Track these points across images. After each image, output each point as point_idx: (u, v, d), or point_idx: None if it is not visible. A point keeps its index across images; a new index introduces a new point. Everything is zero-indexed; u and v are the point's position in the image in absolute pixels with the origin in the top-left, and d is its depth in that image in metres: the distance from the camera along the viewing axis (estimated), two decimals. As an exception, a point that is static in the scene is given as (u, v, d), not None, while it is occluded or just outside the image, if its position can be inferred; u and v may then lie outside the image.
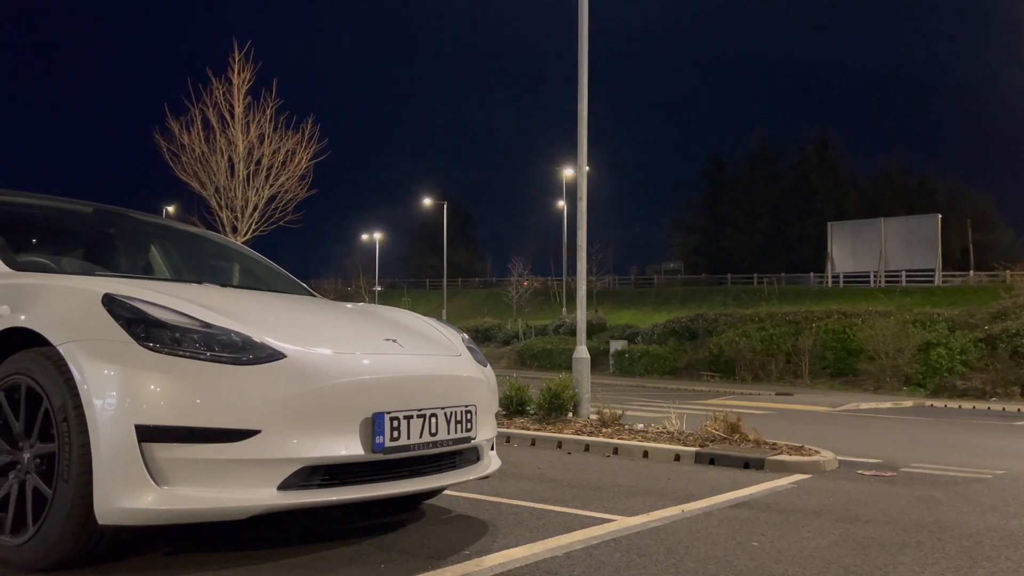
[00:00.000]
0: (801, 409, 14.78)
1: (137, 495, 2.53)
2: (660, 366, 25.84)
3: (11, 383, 2.76)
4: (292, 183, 13.31)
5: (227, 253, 5.03)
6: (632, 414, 9.60)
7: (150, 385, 2.59)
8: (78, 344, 2.65)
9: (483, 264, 67.24)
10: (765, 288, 41.51)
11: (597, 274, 44.34)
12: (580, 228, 9.46)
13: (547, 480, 5.27)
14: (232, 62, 13.21)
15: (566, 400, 8.32)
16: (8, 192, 4.05)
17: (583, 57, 9.49)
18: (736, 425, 7.06)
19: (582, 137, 9.45)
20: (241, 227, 13.01)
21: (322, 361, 2.88)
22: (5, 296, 2.95)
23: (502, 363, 30.11)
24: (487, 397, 3.55)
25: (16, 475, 2.73)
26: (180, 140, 13.01)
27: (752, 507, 4.52)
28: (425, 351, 3.41)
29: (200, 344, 2.70)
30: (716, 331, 26.25)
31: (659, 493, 4.87)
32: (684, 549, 3.42)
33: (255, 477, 2.65)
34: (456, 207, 58.04)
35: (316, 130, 13.53)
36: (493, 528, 3.66)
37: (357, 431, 2.84)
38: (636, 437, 7.15)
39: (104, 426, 2.54)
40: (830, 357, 22.99)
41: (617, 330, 31.35)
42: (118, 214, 4.44)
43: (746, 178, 58.76)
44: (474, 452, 3.45)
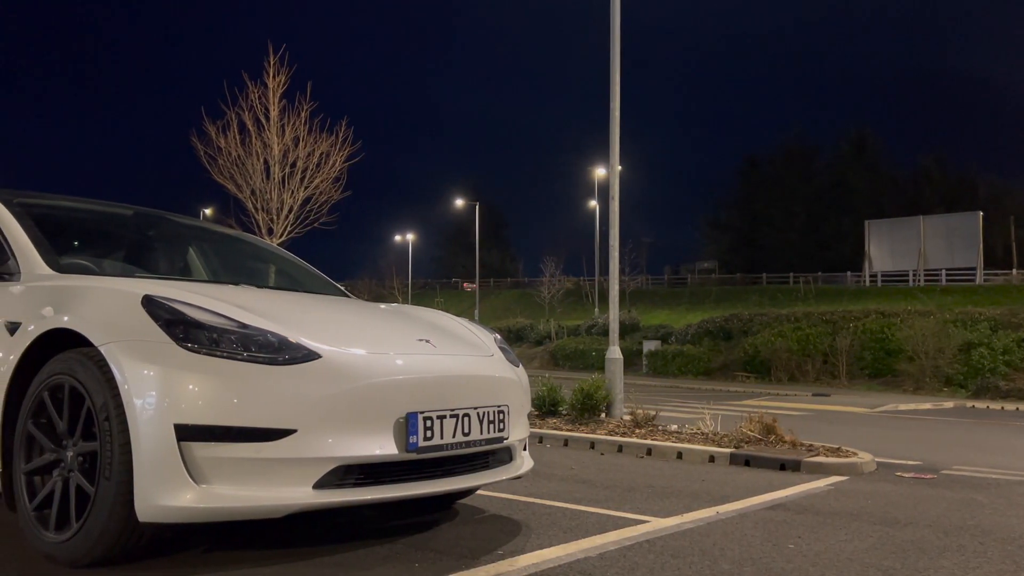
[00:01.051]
0: (838, 410, 14.57)
1: (176, 493, 2.57)
2: (694, 367, 25.64)
3: (55, 383, 2.82)
4: (326, 185, 13.42)
5: (263, 255, 5.09)
6: (666, 415, 9.54)
7: (188, 385, 2.63)
8: (119, 344, 2.70)
9: (515, 264, 67.29)
10: (801, 287, 40.95)
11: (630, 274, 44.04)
12: (612, 228, 9.42)
13: (580, 481, 5.26)
14: (267, 66, 13.35)
15: (599, 400, 8.29)
16: (51, 196, 4.14)
17: (615, 56, 9.46)
18: (772, 426, 6.99)
19: (614, 136, 9.41)
20: (276, 229, 13.15)
21: (356, 361, 2.91)
22: (49, 297, 3.02)
23: (534, 363, 30.10)
24: (520, 397, 3.55)
25: (60, 473, 2.79)
26: (217, 143, 13.19)
27: (788, 509, 4.47)
28: (458, 351, 3.43)
29: (237, 344, 2.74)
30: (751, 331, 25.98)
31: (693, 494, 4.83)
32: (719, 551, 3.40)
33: (291, 476, 2.69)
34: (488, 207, 58.13)
35: (350, 132, 13.64)
36: (526, 528, 3.67)
37: (391, 431, 2.86)
38: (670, 438, 7.11)
39: (144, 425, 2.59)
40: (868, 357, 22.64)
41: (650, 330, 31.16)
42: (157, 217, 4.52)
43: (782, 176, 58.05)
44: (507, 452, 3.46)
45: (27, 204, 3.72)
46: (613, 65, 9.44)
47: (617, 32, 9.48)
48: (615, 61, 9.45)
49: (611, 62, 9.45)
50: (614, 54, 9.46)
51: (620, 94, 9.44)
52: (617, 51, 9.47)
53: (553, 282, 44.10)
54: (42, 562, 2.78)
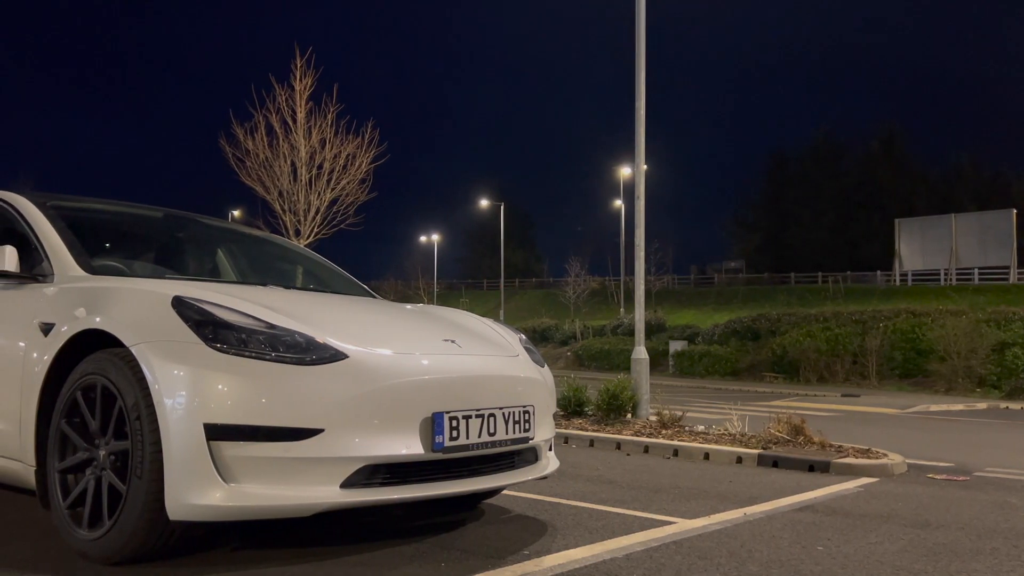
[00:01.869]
0: (868, 411, 14.39)
1: (206, 492, 2.60)
2: (721, 367, 25.46)
3: (88, 383, 2.86)
4: (352, 187, 13.51)
5: (290, 256, 5.14)
6: (692, 416, 9.48)
7: (218, 385, 2.66)
8: (149, 345, 2.74)
9: (540, 264, 67.24)
10: (830, 287, 40.51)
11: (656, 274, 43.87)
12: (638, 227, 9.38)
13: (606, 481, 5.24)
14: (294, 69, 13.47)
15: (625, 401, 8.26)
16: (83, 199, 4.21)
17: (640, 55, 9.42)
18: (800, 427, 6.92)
19: (640, 135, 9.37)
20: (304, 230, 13.26)
21: (383, 361, 2.93)
22: (81, 299, 3.07)
23: (559, 364, 30.07)
24: (545, 397, 3.55)
25: (93, 471, 2.84)
26: (245, 146, 13.33)
27: (817, 511, 4.42)
28: (483, 351, 3.43)
29: (265, 345, 2.77)
30: (779, 331, 25.75)
31: (721, 496, 4.80)
32: (747, 552, 3.37)
33: (319, 475, 2.71)
34: (513, 208, 58.14)
35: (376, 134, 13.72)
36: (552, 528, 3.66)
37: (417, 430, 2.88)
38: (697, 439, 7.07)
39: (174, 424, 2.62)
40: (899, 358, 22.34)
41: (677, 330, 31.02)
42: (187, 219, 4.58)
43: (810, 174, 57.44)
44: (532, 452, 3.46)
45: (60, 207, 3.78)
46: (638, 64, 9.40)
47: (642, 31, 9.44)
48: (640, 60, 9.41)
49: (636, 61, 9.42)
50: (639, 53, 9.42)
51: (645, 93, 9.40)
52: (642, 50, 9.43)
53: (578, 282, 44.03)
54: (76, 559, 2.83)
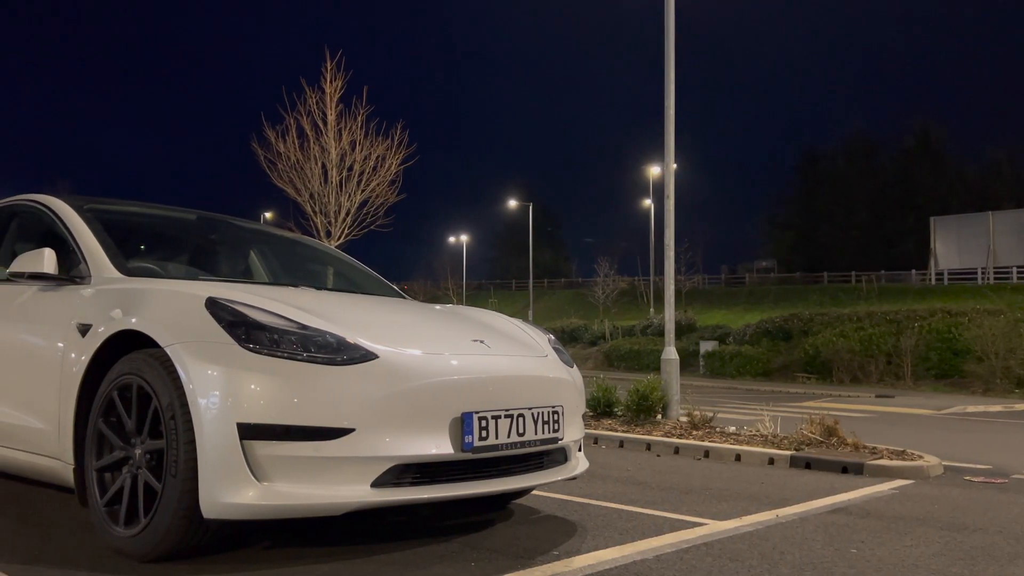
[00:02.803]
0: (903, 412, 14.17)
1: (239, 490, 2.64)
2: (753, 367, 25.22)
3: (124, 383, 2.91)
4: (382, 188, 13.60)
5: (321, 257, 5.19)
6: (723, 416, 9.41)
7: (251, 385, 2.69)
8: (184, 345, 2.78)
9: (569, 264, 67.08)
10: (864, 286, 39.94)
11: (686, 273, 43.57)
12: (668, 227, 9.33)
13: (636, 482, 5.22)
14: (324, 71, 13.60)
15: (655, 402, 8.22)
16: (118, 201, 4.29)
17: (670, 53, 9.36)
18: (833, 428, 6.83)
19: (669, 134, 9.32)
20: (334, 231, 13.37)
21: (412, 361, 2.94)
22: (117, 300, 3.12)
23: (588, 364, 29.98)
24: (574, 398, 3.54)
25: (129, 470, 2.89)
26: (276, 148, 13.48)
27: (850, 513, 4.37)
28: (512, 352, 3.44)
29: (297, 345, 2.80)
30: (812, 331, 25.44)
31: (752, 497, 4.76)
32: (779, 555, 3.34)
33: (350, 474, 2.73)
34: (541, 208, 58.16)
35: (405, 136, 13.80)
36: (582, 529, 3.66)
37: (447, 430, 2.89)
38: (728, 440, 7.01)
39: (208, 424, 2.66)
40: (934, 358, 21.96)
41: (707, 331, 30.77)
42: (219, 221, 4.64)
43: (843, 172, 56.71)
44: (561, 453, 3.45)
45: (97, 210, 3.85)
46: (668, 62, 9.35)
47: (672, 28, 9.38)
48: (670, 58, 9.35)
49: (666, 59, 9.37)
50: (668, 52, 9.37)
51: (675, 92, 9.34)
52: (672, 48, 9.37)
53: (607, 282, 43.88)
54: (112, 556, 2.88)
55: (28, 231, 4.11)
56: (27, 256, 3.43)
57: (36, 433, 3.27)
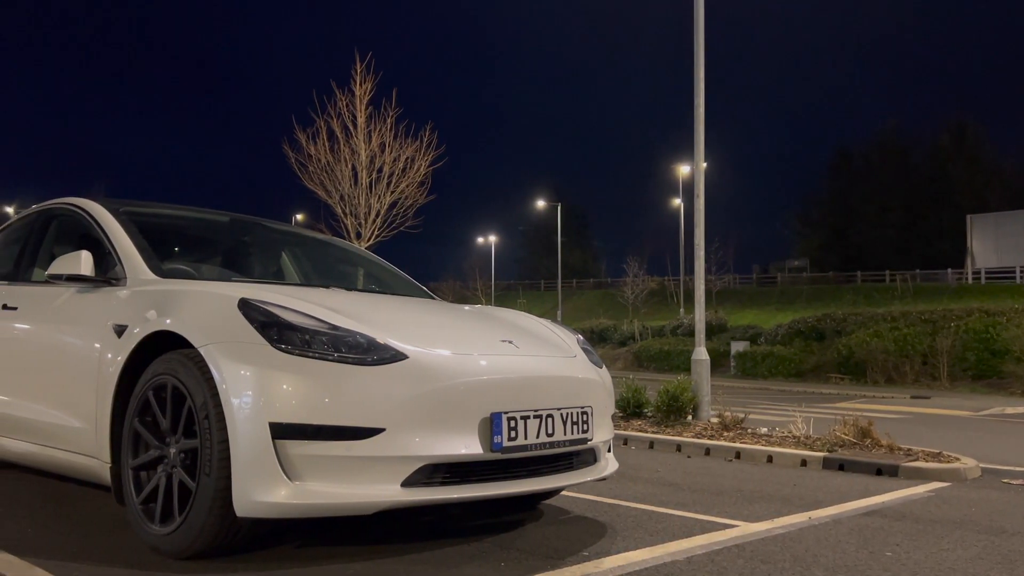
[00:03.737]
0: (939, 413, 13.93)
1: (271, 489, 2.66)
2: (785, 368, 24.94)
3: (159, 383, 2.96)
4: (412, 189, 13.67)
5: (352, 258, 5.23)
6: (755, 417, 9.32)
7: (283, 385, 2.72)
8: (217, 346, 2.81)
9: (597, 265, 66.89)
10: (898, 286, 39.31)
11: (716, 273, 43.24)
12: (697, 226, 9.27)
13: (666, 483, 5.19)
14: (354, 74, 13.70)
15: (685, 402, 8.17)
16: (153, 204, 4.36)
17: (699, 50, 9.30)
18: (867, 429, 6.74)
19: (699, 133, 9.26)
20: (365, 233, 13.46)
21: (442, 362, 2.95)
22: (152, 301, 3.17)
23: (618, 364, 29.86)
24: (603, 398, 3.53)
25: (164, 469, 2.93)
26: (307, 151, 13.61)
27: (885, 515, 4.30)
28: (541, 352, 3.43)
29: (328, 346, 2.82)
30: (845, 331, 25.10)
31: (784, 499, 4.71)
32: (812, 557, 3.30)
33: (380, 473, 2.75)
34: (570, 208, 58.05)
35: (434, 137, 13.86)
36: (612, 530, 3.65)
37: (476, 430, 2.90)
38: (759, 441, 6.94)
39: (241, 424, 2.69)
40: (971, 358, 21.56)
41: (738, 331, 30.50)
42: (252, 223, 4.69)
43: (876, 170, 55.86)
44: (591, 453, 3.45)
45: (132, 212, 3.92)
46: (697, 60, 9.28)
47: (701, 25, 9.31)
48: (699, 56, 9.29)
49: (695, 57, 9.30)
50: (698, 49, 9.30)
51: (705, 89, 9.27)
52: (701, 46, 9.30)
53: (637, 282, 43.68)
54: (149, 553, 2.92)
55: (66, 234, 4.19)
56: (65, 258, 3.50)
57: (74, 432, 3.33)
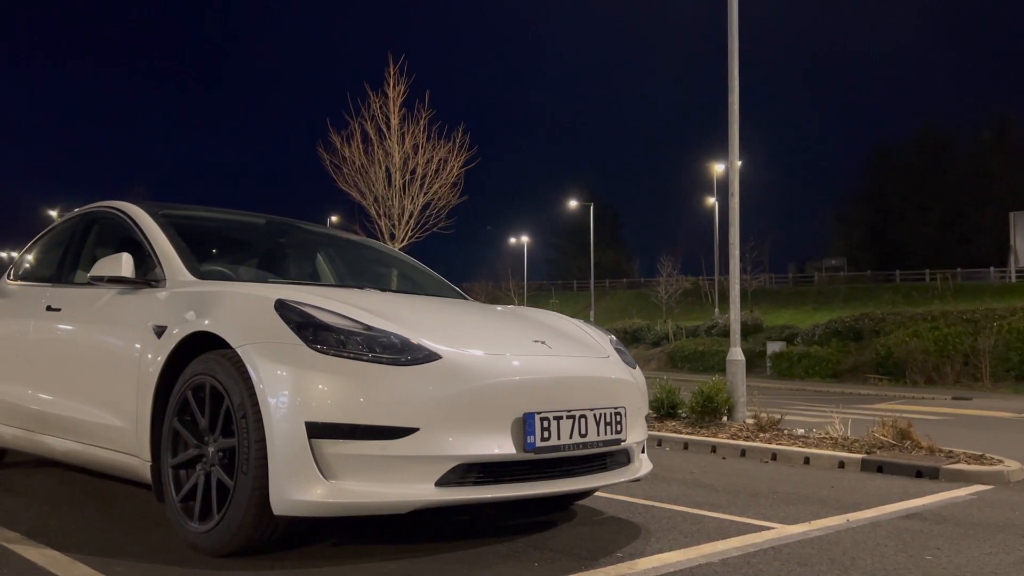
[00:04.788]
0: (981, 415, 13.65)
1: (307, 488, 2.69)
2: (822, 368, 24.60)
3: (197, 382, 3.01)
4: (444, 190, 13.73)
5: (386, 259, 5.27)
6: (791, 419, 9.21)
7: (318, 385, 2.75)
8: (254, 346, 2.85)
9: (630, 264, 66.49)
10: (938, 284, 38.59)
11: (752, 273, 42.82)
12: (732, 225, 9.18)
13: (701, 485, 5.15)
14: (388, 76, 13.79)
15: (720, 403, 8.10)
16: (191, 207, 4.43)
17: (733, 47, 9.21)
18: (907, 431, 6.63)
19: (733, 130, 9.17)
20: (398, 234, 13.55)
21: (475, 362, 2.96)
22: (191, 302, 3.22)
23: (651, 365, 29.70)
24: (636, 399, 3.52)
25: (202, 467, 2.98)
26: (342, 153, 13.73)
27: (925, 518, 4.23)
28: (573, 352, 3.43)
29: (363, 346, 2.85)
30: (883, 331, 24.67)
31: (821, 501, 4.65)
32: (849, 560, 3.25)
33: (414, 473, 2.76)
34: (602, 207, 57.75)
35: (466, 138, 13.90)
36: (646, 531, 3.63)
37: (509, 431, 2.90)
38: (796, 443, 6.86)
39: (278, 423, 2.72)
40: (1015, 359, 21.08)
41: (774, 331, 30.14)
42: (288, 225, 4.75)
43: (915, 166, 54.84)
44: (624, 454, 3.43)
45: (171, 215, 3.98)
46: (731, 58, 9.20)
47: (735, 21, 9.23)
48: (733, 54, 9.20)
49: (729, 53, 9.22)
50: (732, 47, 9.22)
51: (739, 87, 9.18)
52: (735, 44, 9.22)
53: (670, 282, 43.42)
54: (189, 551, 2.97)
55: (107, 237, 4.27)
56: (106, 261, 3.57)
57: (116, 431, 3.40)
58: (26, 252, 4.95)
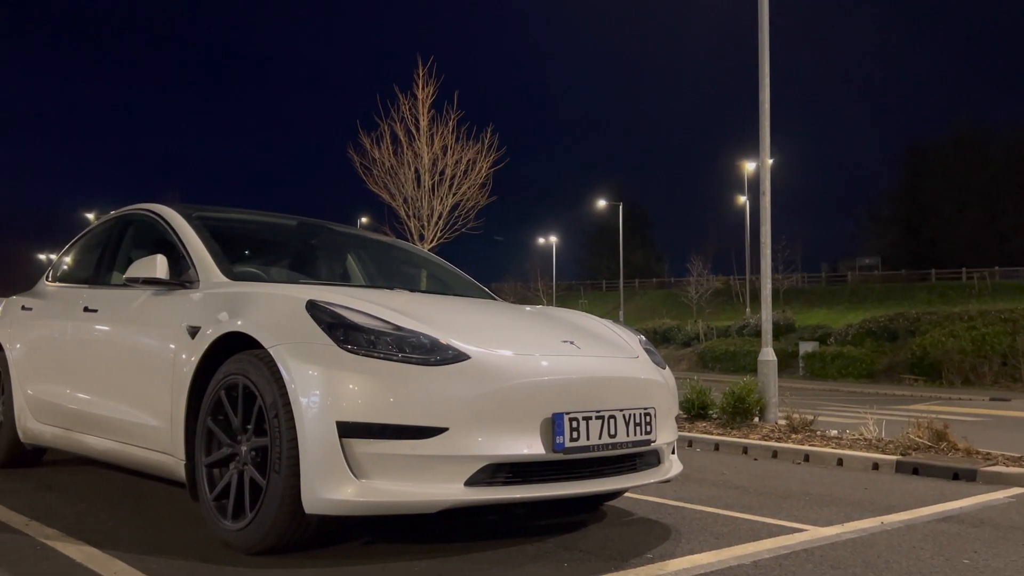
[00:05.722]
0: (1020, 416, 13.37)
1: (338, 487, 2.72)
2: (855, 369, 24.26)
3: (230, 382, 3.05)
4: (473, 191, 13.75)
5: (415, 260, 5.30)
6: (824, 420, 9.11)
7: (349, 385, 2.78)
8: (286, 347, 2.88)
9: (660, 264, 66.05)
10: (976, 284, 37.89)
11: (783, 272, 42.39)
12: (764, 224, 9.09)
13: (732, 486, 5.11)
14: (416, 78, 13.85)
15: (751, 404, 8.02)
16: (224, 209, 4.49)
17: (764, 43, 9.12)
18: (943, 432, 6.52)
19: (764, 128, 9.08)
20: (427, 235, 13.60)
21: (503, 362, 2.97)
22: (224, 303, 3.27)
23: (682, 365, 29.51)
24: (666, 399, 3.50)
25: (235, 466, 3.02)
26: (371, 155, 13.82)
27: (962, 521, 4.16)
28: (602, 353, 3.42)
29: (393, 346, 2.87)
30: (919, 331, 24.28)
31: (855, 503, 4.59)
32: (884, 563, 3.21)
33: (444, 473, 2.78)
34: (632, 207, 57.44)
35: (495, 139, 13.92)
36: (676, 532, 3.61)
37: (538, 431, 2.90)
38: (829, 444, 6.78)
39: (309, 422, 2.75)
40: (1056, 359, 20.63)
41: (807, 331, 29.80)
42: (319, 226, 4.79)
43: (951, 163, 53.88)
44: (654, 455, 3.42)
45: (204, 217, 4.04)
46: (762, 55, 9.12)
47: (766, 19, 9.13)
48: (764, 51, 9.11)
49: (760, 51, 9.13)
50: (763, 44, 9.13)
51: (770, 84, 9.09)
52: (766, 40, 9.13)
53: (701, 281, 43.12)
54: (222, 548, 3.01)
55: (142, 238, 4.35)
56: (141, 262, 3.63)
57: (151, 430, 3.46)
58: (64, 254, 5.05)
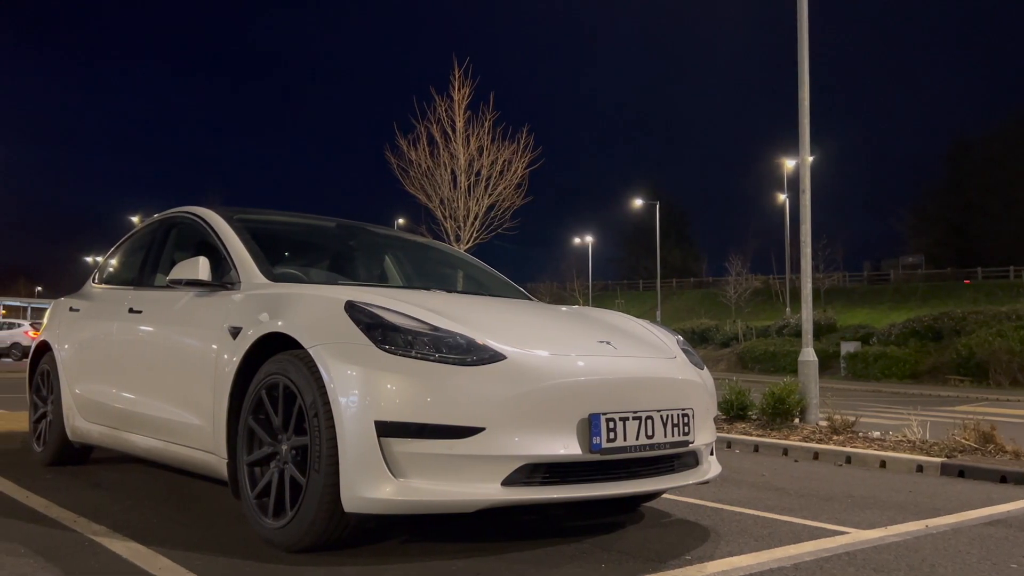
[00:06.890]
0: (1072, 418, 13.01)
1: (377, 486, 2.74)
2: (899, 369, 23.82)
3: (271, 382, 3.09)
4: (509, 192, 13.79)
5: (451, 260, 5.33)
6: (867, 421, 8.96)
7: (387, 384, 2.80)
8: (325, 347, 2.92)
9: (698, 263, 65.44)
10: (1024, 282, 36.97)
11: (824, 271, 41.77)
12: (804, 222, 8.97)
13: (772, 488, 5.05)
14: (452, 79, 13.92)
15: (791, 405, 7.92)
16: (264, 211, 4.56)
17: (803, 40, 9.00)
18: (990, 434, 6.37)
19: (804, 125, 8.96)
20: (463, 236, 13.66)
21: (540, 362, 2.97)
22: (265, 304, 3.32)
23: (720, 366, 29.23)
24: (704, 400, 3.47)
25: (276, 464, 3.06)
26: (408, 156, 13.93)
27: (1011, 526, 4.06)
28: (639, 353, 3.41)
29: (430, 346, 2.89)
30: (965, 331, 23.79)
31: (899, 506, 4.51)
32: (929, 568, 3.15)
33: (481, 472, 2.79)
34: (669, 206, 57.05)
35: (531, 139, 13.93)
36: (715, 534, 3.58)
37: (574, 431, 2.90)
38: (872, 445, 6.67)
39: (348, 422, 2.78)
40: (1108, 359, 20.06)
41: (848, 331, 29.36)
42: (357, 228, 4.84)
43: (999, 159, 52.58)
44: (692, 456, 3.39)
45: (245, 220, 4.11)
46: (801, 51, 8.99)
47: (805, 15, 9.01)
48: (803, 47, 8.99)
49: (799, 48, 9.01)
50: (802, 40, 9.01)
51: (809, 80, 8.96)
52: (805, 37, 9.00)
53: (740, 281, 42.70)
54: (263, 546, 3.06)
55: (185, 241, 4.43)
56: (184, 264, 3.70)
57: (194, 429, 3.52)
58: (109, 257, 5.17)
